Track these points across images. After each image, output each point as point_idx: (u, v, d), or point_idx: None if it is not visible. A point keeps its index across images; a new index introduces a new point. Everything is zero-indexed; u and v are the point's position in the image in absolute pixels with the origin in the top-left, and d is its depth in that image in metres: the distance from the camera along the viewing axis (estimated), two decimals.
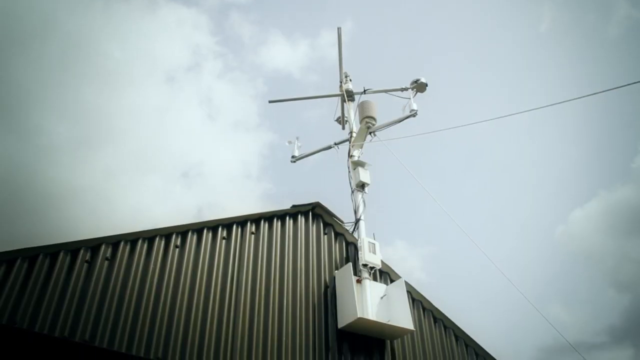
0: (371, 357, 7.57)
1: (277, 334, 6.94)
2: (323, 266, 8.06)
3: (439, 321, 8.65)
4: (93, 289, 5.95)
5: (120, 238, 6.43)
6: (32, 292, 5.55)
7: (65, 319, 5.62)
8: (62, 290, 5.77)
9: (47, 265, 5.81)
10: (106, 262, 6.21)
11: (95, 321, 5.78)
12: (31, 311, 5.47)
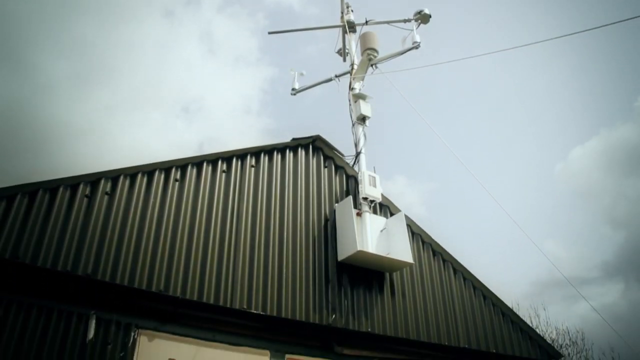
0: (370, 289, 7.72)
1: (278, 266, 7.04)
2: (323, 199, 8.08)
3: (437, 254, 8.77)
4: (94, 224, 5.98)
5: (119, 172, 6.39)
6: (33, 227, 5.58)
7: (67, 254, 5.67)
8: (63, 225, 5.79)
9: (47, 201, 5.81)
10: (106, 196, 6.21)
11: (97, 255, 5.84)
12: (33, 246, 5.51)
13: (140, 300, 5.85)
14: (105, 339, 5.56)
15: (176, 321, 6.04)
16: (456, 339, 8.14)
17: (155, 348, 5.81)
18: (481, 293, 8.87)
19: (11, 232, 5.45)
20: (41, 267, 5.46)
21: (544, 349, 9.13)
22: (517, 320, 9.09)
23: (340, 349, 6.96)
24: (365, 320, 7.38)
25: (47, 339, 5.26)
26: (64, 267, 5.58)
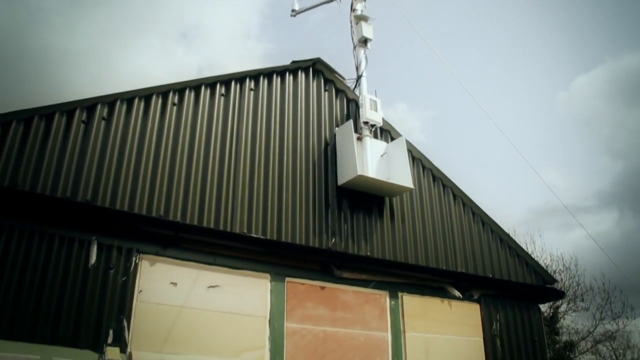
0: (370, 214, 7.75)
1: (278, 191, 7.05)
2: (323, 123, 7.98)
3: (437, 180, 8.75)
4: (91, 150, 5.94)
5: (116, 97, 6.30)
6: (30, 155, 5.55)
7: (66, 180, 5.67)
8: (61, 151, 5.76)
9: (43, 127, 5.75)
10: (103, 122, 6.14)
11: (95, 181, 5.84)
12: (31, 174, 5.50)
13: (140, 225, 5.89)
14: (107, 264, 5.64)
15: (177, 246, 6.11)
16: (454, 263, 8.26)
17: (156, 272, 5.92)
18: (480, 219, 8.92)
19: (8, 160, 5.44)
20: (40, 194, 5.46)
21: (539, 275, 9.28)
22: (514, 246, 9.19)
23: (339, 272, 7.06)
24: (365, 244, 7.47)
25: (49, 265, 5.34)
26: (63, 193, 5.59)
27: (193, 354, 5.80)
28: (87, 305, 5.41)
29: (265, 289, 6.55)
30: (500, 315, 8.51)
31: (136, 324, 5.64)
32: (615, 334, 24.29)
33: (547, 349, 9.18)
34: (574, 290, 21.50)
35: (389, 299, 7.48)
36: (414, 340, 7.45)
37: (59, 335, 5.20)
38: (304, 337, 6.62)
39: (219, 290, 6.22)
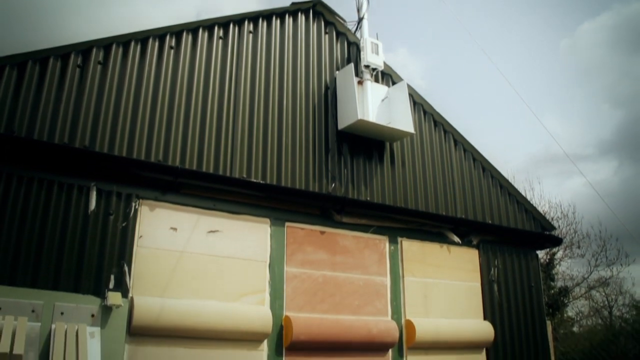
0: (370, 158, 7.71)
1: (277, 135, 7.00)
2: (324, 67, 7.84)
3: (439, 125, 8.67)
4: (88, 95, 5.86)
5: (112, 41, 6.18)
6: (25, 101, 5.48)
7: (63, 126, 5.61)
8: (56, 97, 5.67)
9: (38, 72, 5.65)
10: (99, 66, 6.03)
11: (93, 127, 5.78)
12: (27, 120, 5.44)
13: (139, 170, 5.86)
14: (107, 210, 5.63)
15: (176, 191, 6.09)
16: (454, 209, 8.28)
17: (156, 218, 5.92)
18: (480, 165, 8.89)
19: (3, 106, 5.38)
20: (37, 140, 5.40)
21: (538, 221, 9.33)
22: (514, 192, 9.20)
23: (339, 217, 7.08)
24: (365, 189, 7.46)
25: (49, 212, 5.34)
26: (60, 139, 5.55)
27: (194, 299, 5.86)
28: (88, 251, 5.44)
29: (265, 233, 6.58)
30: (499, 261, 8.59)
31: (137, 269, 5.69)
32: (609, 281, 24.71)
33: (543, 294, 9.32)
34: (570, 237, 21.74)
35: (389, 243, 7.53)
36: (412, 285, 7.54)
37: (60, 281, 5.25)
38: (304, 281, 6.69)
39: (219, 235, 6.24)
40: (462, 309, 7.93)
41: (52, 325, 5.04)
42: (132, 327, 5.41)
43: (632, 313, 24.87)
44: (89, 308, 5.28)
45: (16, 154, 5.29)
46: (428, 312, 7.56)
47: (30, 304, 5.02)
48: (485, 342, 7.92)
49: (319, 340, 6.43)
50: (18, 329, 4.74)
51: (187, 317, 5.64)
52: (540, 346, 8.68)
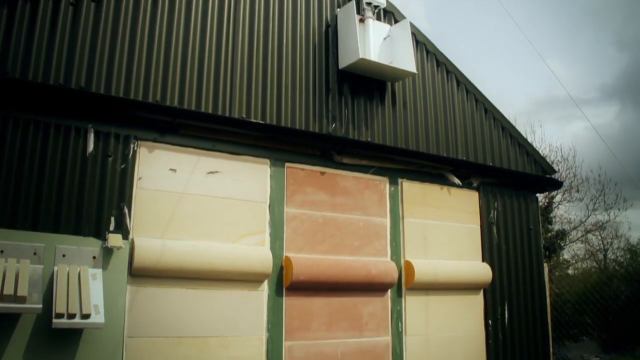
0: (371, 98, 7.60)
1: (277, 74, 6.86)
2: (324, 4, 7.59)
3: (441, 65, 8.50)
4: (82, 34, 5.69)
5: None
6: (17, 41, 5.31)
7: (58, 67, 5.46)
8: (50, 36, 5.50)
9: (29, 11, 5.45)
10: (93, 4, 5.82)
11: (88, 67, 5.63)
12: (21, 60, 5.29)
13: (137, 111, 5.77)
14: (105, 152, 5.57)
15: (175, 132, 6.02)
16: (455, 150, 8.22)
17: (155, 159, 5.87)
18: (483, 106, 8.78)
19: None
20: (32, 81, 5.27)
21: (539, 164, 9.29)
22: (515, 134, 9.12)
23: (339, 157, 7.03)
24: (365, 130, 7.38)
25: (47, 154, 5.27)
26: (55, 80, 5.41)
27: (194, 240, 5.87)
28: (87, 193, 5.40)
29: (265, 174, 6.54)
30: (499, 204, 8.60)
31: (137, 210, 5.67)
32: (606, 225, 24.95)
33: (541, 237, 9.39)
34: (570, 181, 21.81)
35: (389, 185, 7.51)
36: (412, 226, 7.56)
37: (61, 223, 5.23)
38: (304, 222, 6.69)
39: (218, 176, 6.20)
40: (461, 250, 7.99)
41: (54, 268, 5.07)
42: (133, 268, 5.44)
43: (626, 257, 25.20)
44: (90, 250, 5.30)
45: (10, 95, 5.17)
46: (427, 253, 7.62)
47: (31, 246, 5.02)
48: (483, 283, 8.02)
49: (319, 281, 6.49)
50: (21, 271, 4.76)
51: (187, 258, 5.67)
52: (536, 288, 8.81)
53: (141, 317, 5.47)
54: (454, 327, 7.72)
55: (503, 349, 8.14)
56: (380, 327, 7.03)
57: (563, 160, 21.87)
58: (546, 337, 8.78)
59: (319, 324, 6.55)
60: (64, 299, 4.82)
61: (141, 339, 5.44)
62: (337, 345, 6.64)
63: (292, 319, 6.38)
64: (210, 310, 5.86)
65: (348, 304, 6.80)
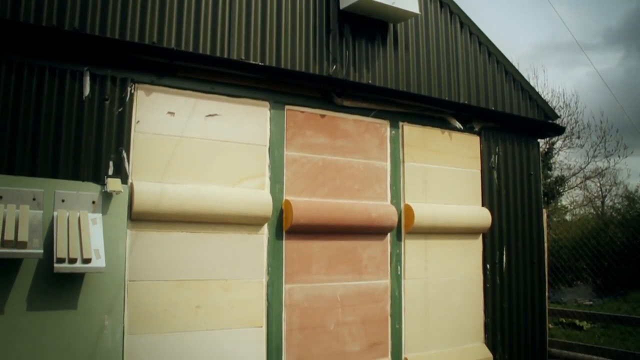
0: (373, 40, 7.43)
1: (276, 15, 6.69)
2: None
3: (445, 6, 8.27)
4: None
5: None
6: None
7: (50, 7, 5.27)
8: None
9: None
10: None
11: (82, 7, 5.45)
12: (11, 1, 5.08)
13: (133, 53, 5.62)
14: (102, 95, 5.46)
15: (172, 74, 5.90)
16: (457, 94, 8.11)
17: (153, 102, 5.78)
18: (486, 49, 8.61)
19: None
20: (24, 22, 5.10)
21: (541, 109, 9.19)
22: (519, 78, 8.99)
23: (340, 100, 6.93)
24: (366, 72, 7.26)
25: (43, 99, 5.16)
26: (48, 21, 5.24)
27: (193, 183, 5.84)
28: (85, 138, 5.32)
29: (264, 117, 6.46)
30: (500, 149, 8.56)
31: (135, 155, 5.61)
32: (605, 172, 25.02)
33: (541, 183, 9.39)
34: (571, 127, 21.76)
35: (390, 128, 7.44)
36: (412, 170, 7.53)
37: (59, 168, 5.17)
38: (304, 165, 6.66)
39: (217, 119, 6.12)
40: (461, 195, 7.99)
41: (54, 213, 5.05)
42: (132, 212, 5.43)
43: (624, 204, 25.38)
44: (90, 195, 5.26)
45: (1, 38, 5.00)
46: (427, 198, 7.62)
47: (30, 192, 4.98)
48: (482, 227, 8.06)
49: (319, 224, 6.50)
50: (21, 217, 4.74)
51: (187, 202, 5.65)
52: (535, 233, 8.86)
53: (142, 261, 5.50)
54: (453, 270, 7.80)
55: (500, 292, 8.26)
56: (380, 270, 7.09)
57: (565, 106, 21.79)
58: (543, 282, 8.90)
59: (319, 267, 6.61)
60: (65, 244, 4.82)
61: (142, 282, 5.48)
62: (337, 288, 6.72)
63: (292, 262, 6.43)
64: (211, 253, 5.89)
65: (348, 247, 6.85)
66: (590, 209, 26.84)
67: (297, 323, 6.40)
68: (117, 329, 5.23)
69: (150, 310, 5.49)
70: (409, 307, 7.28)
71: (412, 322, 7.28)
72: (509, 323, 8.29)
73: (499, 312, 8.18)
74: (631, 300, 19.04)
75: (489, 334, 8.04)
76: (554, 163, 22.37)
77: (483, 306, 8.06)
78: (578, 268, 19.06)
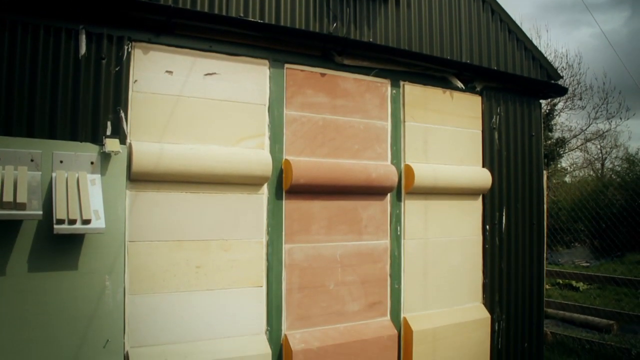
0: None
1: None
2: None
3: None
4: None
5: None
6: None
7: None
8: None
9: None
10: None
11: None
12: None
13: (129, 11, 5.50)
14: (99, 54, 5.37)
15: (170, 32, 5.79)
16: (459, 53, 7.99)
17: (150, 61, 5.68)
18: (489, 7, 8.45)
19: None
20: None
21: (544, 70, 9.06)
22: (522, 37, 8.83)
23: (340, 59, 6.82)
24: (367, 30, 7.13)
25: (38, 58, 5.06)
26: None
27: (192, 143, 5.79)
28: (82, 97, 5.24)
29: (263, 76, 6.36)
30: (501, 109, 8.48)
31: (134, 114, 5.55)
32: (606, 134, 24.94)
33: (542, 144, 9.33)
34: (573, 88, 21.57)
35: (390, 87, 7.35)
36: (413, 130, 7.47)
37: (57, 129, 5.11)
38: (304, 124, 6.60)
39: (216, 78, 6.03)
40: (461, 155, 7.95)
41: (52, 174, 5.02)
42: (131, 173, 5.39)
43: (623, 166, 25.40)
44: (88, 156, 5.22)
45: None
46: (427, 158, 7.58)
47: (28, 153, 4.94)
48: (482, 188, 8.04)
49: (319, 184, 6.48)
50: (19, 178, 4.71)
51: (186, 162, 5.61)
52: (535, 194, 8.85)
53: (141, 222, 5.49)
54: (452, 231, 7.82)
55: (499, 253, 8.30)
56: (379, 230, 7.11)
57: (568, 67, 21.61)
58: (541, 243, 8.94)
59: (319, 227, 6.61)
60: (64, 205, 4.80)
61: (142, 243, 5.49)
62: (337, 248, 6.74)
63: (292, 222, 6.44)
64: (210, 213, 5.88)
65: (347, 208, 6.84)
66: (590, 171, 26.87)
67: (297, 283, 6.44)
68: (118, 289, 5.25)
69: (150, 271, 5.51)
70: (408, 268, 7.32)
71: (411, 282, 7.33)
72: (507, 284, 8.36)
73: (497, 273, 8.24)
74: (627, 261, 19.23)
75: (487, 295, 8.11)
76: (554, 125, 22.26)
77: (482, 267, 8.11)
78: (576, 230, 19.22)
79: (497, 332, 8.18)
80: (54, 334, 4.91)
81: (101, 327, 5.14)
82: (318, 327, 6.56)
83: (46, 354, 4.86)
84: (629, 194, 18.63)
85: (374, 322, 6.98)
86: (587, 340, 12.33)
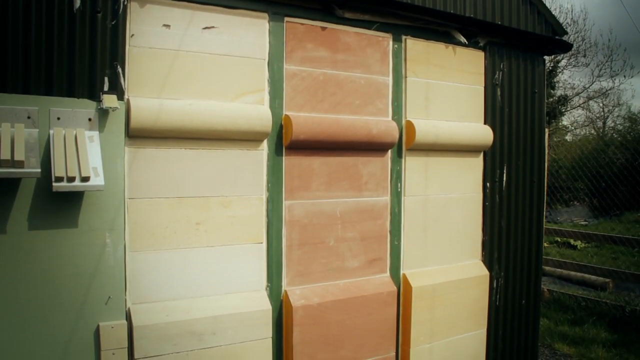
0: None
1: None
2: None
3: None
4: None
5: None
6: None
7: None
8: None
9: None
10: None
11: None
12: None
13: None
14: (94, 7, 5.23)
15: None
16: (462, 7, 7.80)
17: (147, 15, 5.54)
18: None
19: None
20: None
21: (549, 25, 8.86)
22: None
23: (341, 12, 6.66)
24: None
25: (32, 12, 4.91)
26: None
27: (191, 99, 5.71)
28: (78, 53, 5.13)
29: (263, 29, 6.22)
30: (504, 65, 8.35)
31: (131, 70, 5.44)
32: (609, 92, 24.72)
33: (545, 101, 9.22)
34: (577, 45, 21.27)
35: (392, 42, 7.20)
36: (414, 85, 7.36)
37: (53, 85, 5.01)
38: (304, 79, 6.49)
39: (214, 31, 5.90)
40: (463, 111, 7.87)
41: (50, 131, 4.95)
42: (130, 129, 5.33)
43: (625, 125, 25.26)
44: (86, 112, 5.15)
45: None
46: (429, 114, 7.50)
47: (25, 110, 4.86)
48: (483, 145, 7.99)
49: (319, 140, 6.42)
50: (16, 135, 4.65)
51: (185, 117, 5.55)
52: (536, 152, 8.80)
53: (141, 179, 5.46)
54: (453, 188, 7.80)
55: (499, 211, 8.30)
56: (380, 187, 7.09)
57: (572, 23, 21.24)
58: (541, 202, 8.93)
59: (319, 183, 6.59)
60: (62, 162, 4.75)
61: (142, 200, 5.47)
62: (337, 204, 6.73)
63: (292, 178, 6.40)
64: (210, 170, 5.85)
65: (348, 164, 6.80)
66: (591, 130, 26.74)
67: (297, 239, 6.45)
68: (119, 246, 5.26)
69: (150, 228, 5.51)
70: (408, 224, 7.33)
71: (411, 239, 7.35)
72: (506, 241, 8.39)
73: (496, 231, 8.26)
74: (625, 220, 19.32)
75: (486, 252, 8.15)
76: (557, 82, 22.04)
77: (481, 224, 8.12)
78: (576, 188, 19.23)
79: (496, 289, 8.26)
80: (56, 291, 4.93)
81: (102, 284, 5.17)
82: (318, 284, 6.61)
83: (48, 312, 4.89)
84: (629, 152, 18.58)
85: (373, 279, 7.03)
86: (583, 298, 12.50)
